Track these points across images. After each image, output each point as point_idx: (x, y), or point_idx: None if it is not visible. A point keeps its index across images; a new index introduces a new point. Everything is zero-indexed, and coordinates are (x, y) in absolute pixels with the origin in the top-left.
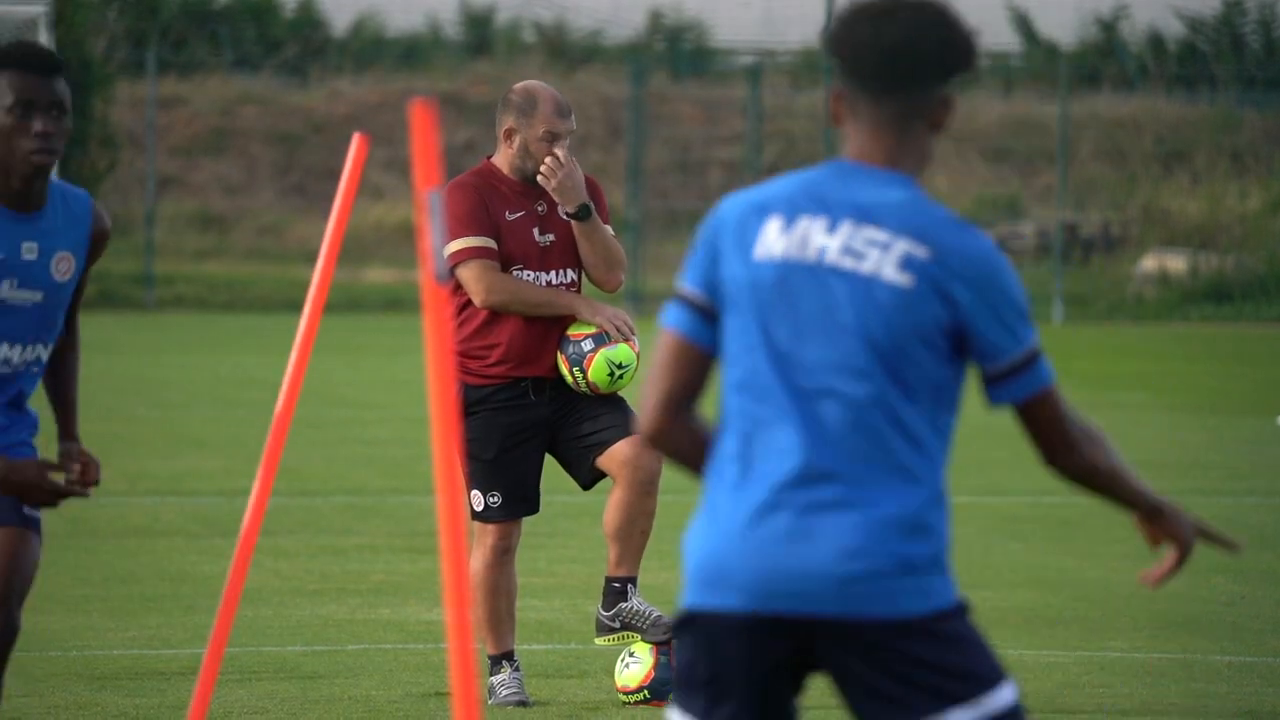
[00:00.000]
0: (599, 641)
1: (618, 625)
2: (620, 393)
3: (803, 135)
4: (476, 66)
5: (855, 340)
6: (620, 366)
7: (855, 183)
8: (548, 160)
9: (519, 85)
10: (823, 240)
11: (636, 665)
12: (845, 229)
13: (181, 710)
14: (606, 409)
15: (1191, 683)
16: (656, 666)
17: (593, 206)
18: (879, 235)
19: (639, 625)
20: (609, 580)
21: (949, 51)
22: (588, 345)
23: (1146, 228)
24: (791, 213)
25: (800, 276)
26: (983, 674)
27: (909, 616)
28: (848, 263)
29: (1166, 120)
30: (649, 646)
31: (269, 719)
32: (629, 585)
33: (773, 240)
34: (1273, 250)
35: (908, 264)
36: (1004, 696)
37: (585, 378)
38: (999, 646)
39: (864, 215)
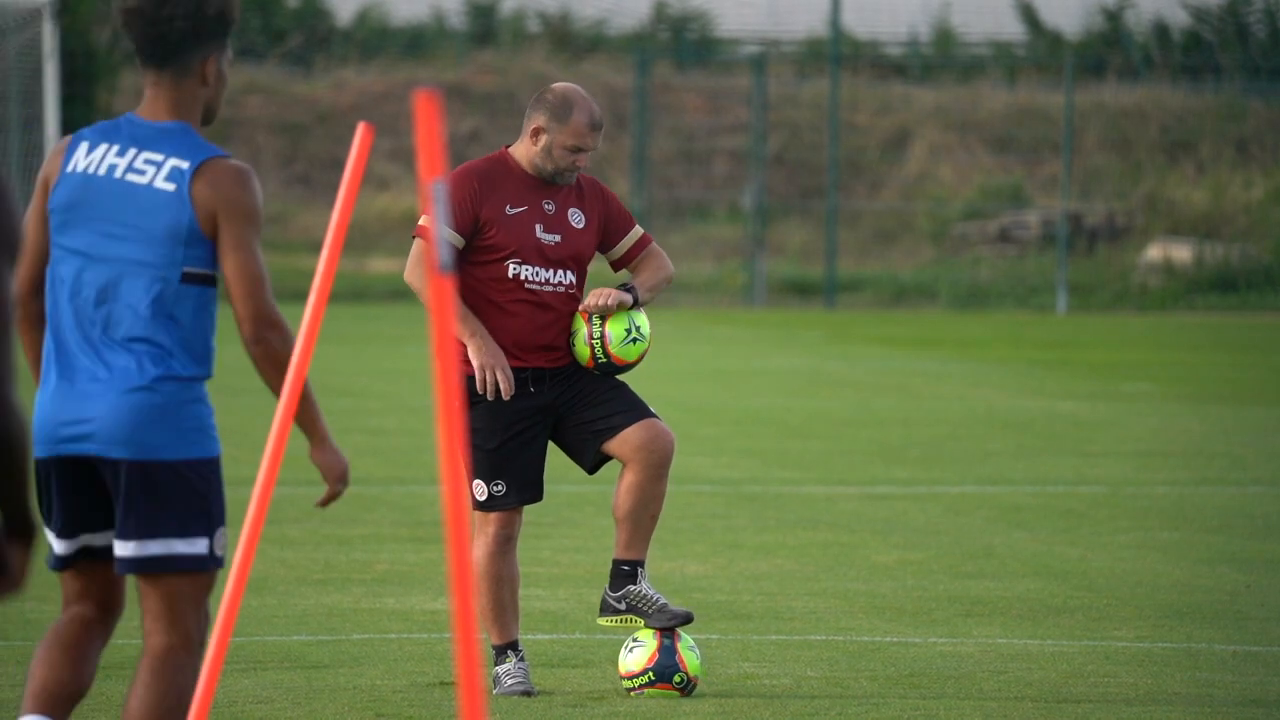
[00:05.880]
0: (601, 621)
1: (623, 608)
2: (619, 376)
3: (807, 125)
4: (481, 56)
5: None
6: (639, 330)
7: None
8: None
9: (558, 86)
10: None
11: (640, 649)
12: None
13: None
14: (611, 395)
15: (1196, 671)
16: (660, 650)
17: (636, 292)
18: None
19: (645, 610)
20: (618, 563)
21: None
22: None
23: (1151, 217)
24: None
25: None
26: None
27: None
28: None
29: (1171, 110)
30: (653, 631)
31: (274, 709)
32: (638, 569)
33: None
34: (1277, 239)
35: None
36: None
37: (602, 325)
38: (1003, 636)
39: None
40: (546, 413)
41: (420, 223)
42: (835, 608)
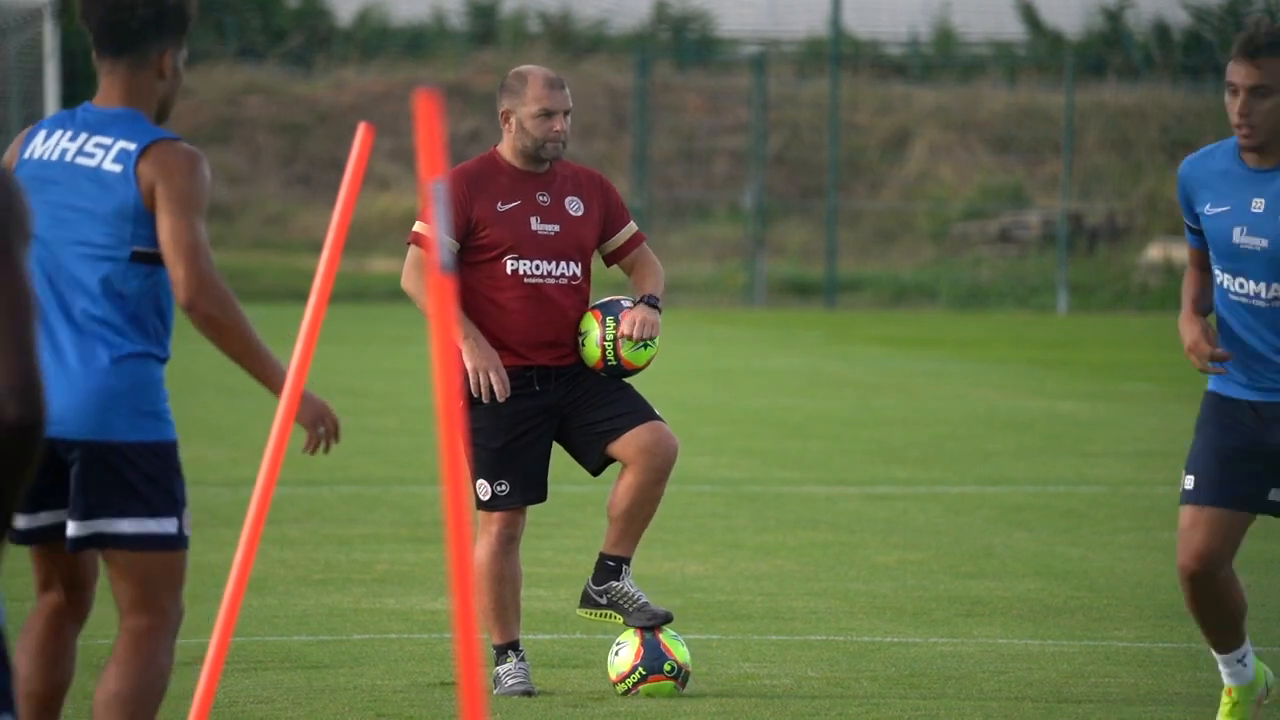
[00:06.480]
0: (580, 612)
1: (604, 602)
2: (626, 379)
3: (807, 124)
4: (481, 56)
5: None
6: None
7: None
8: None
9: (512, 70)
10: None
11: (626, 649)
12: None
13: (187, 700)
14: (617, 396)
15: (1196, 671)
16: (644, 645)
17: (658, 303)
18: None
19: (625, 607)
20: (604, 556)
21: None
22: (626, 303)
23: (1151, 217)
24: None
25: None
26: None
27: None
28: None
29: (1172, 110)
30: (634, 630)
31: (274, 709)
32: (623, 565)
33: None
34: None
35: None
36: None
37: (615, 327)
38: (1004, 636)
39: None
40: (551, 413)
41: (415, 229)
42: (835, 608)
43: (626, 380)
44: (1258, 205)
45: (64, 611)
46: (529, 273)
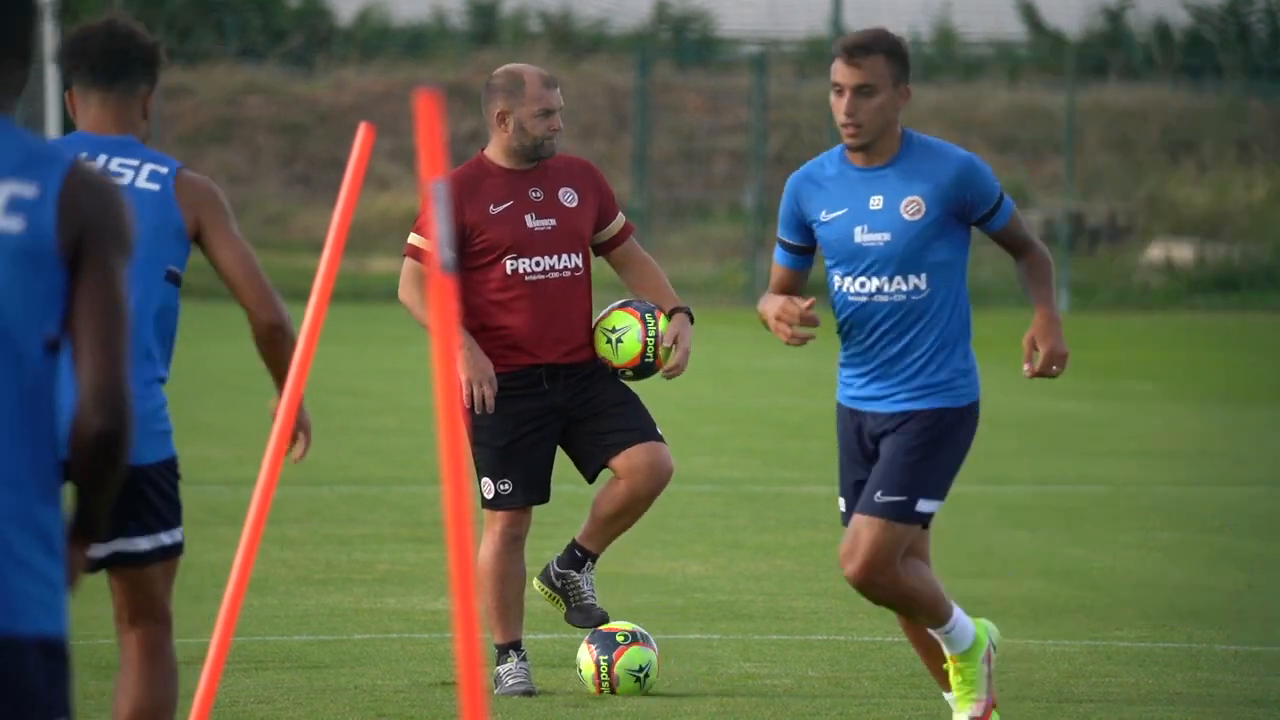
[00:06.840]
0: (535, 581)
1: (559, 585)
2: (636, 382)
3: (808, 125)
4: (482, 56)
5: None
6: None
7: None
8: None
9: (499, 69)
10: None
11: (583, 656)
12: None
13: (188, 699)
14: (625, 409)
15: (1197, 671)
16: (591, 641)
17: (690, 311)
18: None
19: (570, 601)
20: (575, 544)
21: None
22: (652, 304)
23: (1153, 217)
24: None
25: None
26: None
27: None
28: None
29: (1173, 110)
30: (583, 643)
31: (275, 709)
32: (589, 560)
33: None
34: (1279, 239)
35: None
36: None
37: (656, 325)
38: (1005, 636)
39: None
40: (558, 414)
41: (410, 241)
42: (836, 608)
43: (634, 390)
44: (876, 203)
45: None
46: (529, 271)
